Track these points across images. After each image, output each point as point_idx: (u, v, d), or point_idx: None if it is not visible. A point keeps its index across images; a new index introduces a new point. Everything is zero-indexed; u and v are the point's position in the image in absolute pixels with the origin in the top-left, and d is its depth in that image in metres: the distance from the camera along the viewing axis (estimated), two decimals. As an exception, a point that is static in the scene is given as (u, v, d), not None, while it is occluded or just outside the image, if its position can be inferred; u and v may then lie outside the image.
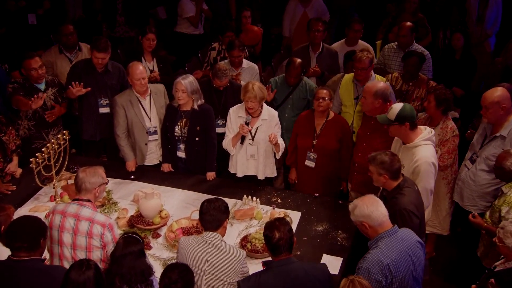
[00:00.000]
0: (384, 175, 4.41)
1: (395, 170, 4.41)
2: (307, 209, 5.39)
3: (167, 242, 4.87)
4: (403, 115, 4.83)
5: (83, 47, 7.22)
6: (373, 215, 3.86)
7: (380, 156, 4.44)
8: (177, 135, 5.83)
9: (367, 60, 6.01)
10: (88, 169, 4.20)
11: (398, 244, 3.85)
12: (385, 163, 4.38)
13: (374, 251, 3.82)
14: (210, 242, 3.96)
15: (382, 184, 4.51)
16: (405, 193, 4.38)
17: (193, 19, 9.30)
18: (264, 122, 5.70)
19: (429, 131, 4.92)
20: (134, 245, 3.74)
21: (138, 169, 6.03)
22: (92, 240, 4.06)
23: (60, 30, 7.08)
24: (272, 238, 3.77)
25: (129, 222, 5.07)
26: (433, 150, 4.88)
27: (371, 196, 4.02)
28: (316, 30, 7.28)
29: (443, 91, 5.55)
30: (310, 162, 5.85)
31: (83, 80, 6.13)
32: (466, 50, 7.88)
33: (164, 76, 7.07)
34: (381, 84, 5.47)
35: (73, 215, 4.09)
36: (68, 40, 7.04)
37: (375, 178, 4.51)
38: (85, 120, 6.40)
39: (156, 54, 7.24)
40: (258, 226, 5.12)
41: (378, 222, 3.87)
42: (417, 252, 3.95)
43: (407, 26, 7.23)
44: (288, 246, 3.78)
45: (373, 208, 3.88)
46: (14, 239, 3.71)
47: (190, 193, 5.64)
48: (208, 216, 4.02)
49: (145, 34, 7.03)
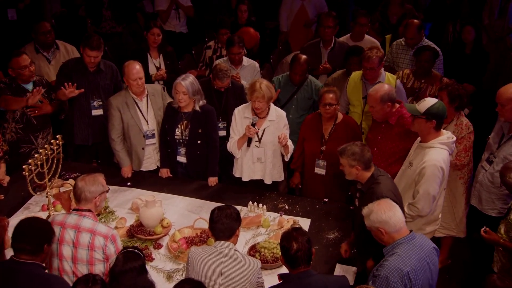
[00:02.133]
0: (356, 166, 4.54)
1: (367, 159, 4.54)
2: (316, 216, 5.42)
3: (170, 253, 4.87)
4: (433, 111, 4.84)
5: (60, 45, 7.21)
6: (391, 221, 3.89)
7: (350, 147, 4.59)
8: (178, 138, 5.83)
9: (377, 59, 6.01)
10: (87, 177, 4.19)
11: (416, 251, 3.89)
12: (356, 153, 4.53)
13: (393, 258, 3.84)
14: (224, 252, 3.95)
15: (355, 176, 4.62)
16: (380, 181, 4.51)
17: (163, 14, 9.23)
18: (272, 123, 5.71)
19: (450, 137, 4.94)
20: (134, 260, 3.72)
21: (135, 175, 6.02)
22: (94, 253, 4.06)
23: (36, 28, 7.04)
24: (290, 249, 3.77)
25: (128, 232, 5.07)
26: (447, 157, 4.89)
27: (387, 201, 4.05)
28: (327, 26, 7.30)
29: (455, 86, 5.59)
30: (320, 170, 5.86)
31: (74, 80, 6.09)
32: (477, 44, 7.92)
33: (172, 74, 7.06)
34: (384, 88, 5.46)
35: (73, 227, 4.08)
36: (46, 39, 7.01)
37: (347, 171, 4.63)
38: (76, 123, 6.37)
39: (163, 50, 7.22)
40: (266, 235, 5.13)
41: (396, 228, 3.90)
42: (434, 259, 4.01)
43: (413, 26, 7.24)
44: (306, 258, 3.79)
45: (391, 213, 3.91)
46: (19, 239, 3.75)
47: (192, 200, 5.64)
48: (220, 224, 4.01)
49: (149, 29, 7.04)
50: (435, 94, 6.46)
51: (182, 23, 9.45)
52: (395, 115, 5.47)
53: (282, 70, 7.81)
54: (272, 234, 5.13)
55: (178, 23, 9.39)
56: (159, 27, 7.16)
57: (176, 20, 9.35)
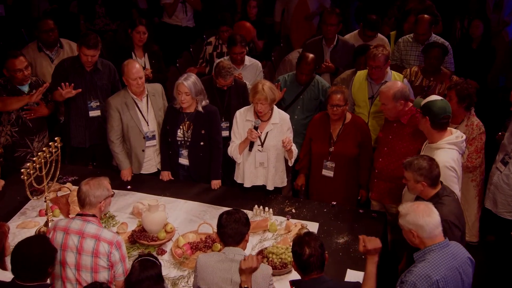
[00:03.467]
0: (422, 182, 4.42)
1: (435, 176, 4.42)
2: (324, 220, 5.45)
3: (174, 259, 4.88)
4: (427, 107, 4.87)
5: (64, 44, 7.19)
6: (427, 227, 3.85)
7: (417, 161, 4.45)
8: (180, 140, 5.85)
9: (383, 58, 6.02)
10: (92, 181, 4.19)
11: (448, 260, 3.86)
12: (423, 169, 4.39)
13: (422, 264, 3.83)
14: (233, 259, 3.95)
15: (419, 192, 4.52)
16: (445, 202, 4.38)
17: (169, 7, 9.26)
18: (275, 126, 5.69)
19: (459, 136, 4.94)
20: (151, 269, 3.73)
21: (134, 178, 6.03)
22: (99, 260, 4.06)
23: (39, 26, 7.02)
24: (302, 255, 3.78)
25: (130, 238, 5.08)
26: (456, 156, 4.87)
27: (427, 205, 3.98)
28: (330, 24, 7.30)
29: (464, 85, 5.62)
30: (328, 172, 5.88)
31: (70, 80, 6.11)
32: (485, 39, 7.95)
33: (157, 74, 7.09)
34: (398, 85, 5.50)
35: (77, 232, 4.09)
36: (49, 37, 6.99)
37: (411, 186, 4.52)
38: (73, 125, 6.38)
39: (148, 49, 7.25)
40: (273, 239, 5.16)
41: (430, 235, 3.87)
42: (467, 269, 3.97)
43: (425, 21, 7.25)
44: (319, 264, 3.80)
45: (428, 219, 3.86)
46: (20, 270, 3.71)
47: (195, 203, 5.67)
48: (229, 229, 4.00)
49: (134, 27, 7.05)
50: (444, 92, 6.49)
51: (189, 17, 9.51)
52: (407, 114, 5.48)
53: (284, 69, 7.85)
54: (279, 238, 5.15)
55: (185, 17, 9.44)
56: (145, 24, 7.17)
57: (183, 13, 9.41)
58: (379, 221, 5.43)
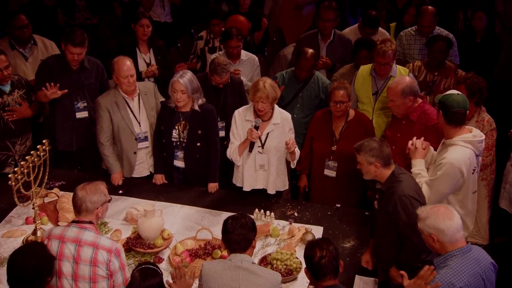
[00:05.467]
0: (375, 163, 4.59)
1: (386, 155, 4.59)
2: (329, 223, 5.51)
3: (173, 267, 4.89)
4: (442, 101, 4.93)
5: (38, 40, 7.18)
6: (448, 231, 3.86)
7: (367, 142, 4.65)
8: (175, 141, 5.87)
9: (392, 54, 6.08)
10: (88, 186, 4.21)
11: (471, 266, 3.86)
12: (374, 149, 4.58)
13: (444, 271, 3.83)
14: (240, 266, 3.96)
15: (373, 175, 4.66)
16: (402, 179, 4.54)
17: (146, 2, 9.23)
18: (276, 126, 5.69)
19: (477, 135, 4.96)
20: (152, 278, 3.79)
21: (126, 182, 6.06)
22: (97, 269, 4.08)
23: (11, 22, 6.96)
24: (313, 257, 3.83)
25: (125, 245, 5.09)
26: (469, 156, 4.89)
27: (448, 208, 4.01)
28: (327, 20, 7.34)
29: (475, 79, 5.66)
30: (330, 172, 5.94)
31: (55, 79, 6.11)
32: (489, 32, 8.01)
33: (163, 70, 7.09)
34: (406, 80, 5.55)
35: (73, 240, 4.10)
36: (23, 34, 6.96)
37: (365, 169, 4.69)
38: (58, 127, 6.37)
39: (153, 44, 7.23)
40: (276, 245, 5.21)
41: (451, 239, 3.89)
42: (491, 276, 3.98)
43: (430, 12, 7.30)
44: (332, 268, 3.83)
45: (450, 223, 3.88)
46: (15, 282, 3.74)
47: (192, 208, 5.71)
48: (236, 235, 4.02)
49: (138, 20, 7.05)
50: (450, 87, 6.55)
51: (167, 12, 9.52)
52: (417, 110, 5.53)
53: (279, 64, 7.90)
54: (282, 244, 5.20)
55: (162, 12, 9.45)
56: (148, 17, 7.17)
57: (160, 8, 9.41)
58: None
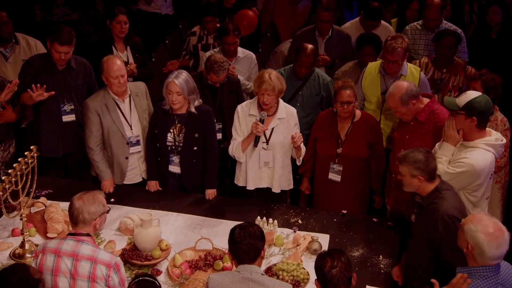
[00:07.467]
0: (419, 177, 4.53)
1: (431, 169, 4.55)
2: (335, 231, 5.51)
3: (172, 280, 4.88)
4: (473, 106, 4.86)
5: (20, 38, 7.14)
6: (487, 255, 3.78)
7: (412, 153, 4.57)
8: (170, 145, 5.86)
9: (402, 51, 6.09)
10: (86, 196, 4.18)
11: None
12: (419, 161, 4.51)
13: None
14: (250, 278, 3.96)
15: (415, 188, 4.63)
16: (445, 196, 4.49)
17: None
18: (282, 121, 5.76)
19: (499, 139, 4.95)
20: None
21: (117, 189, 6.05)
22: (96, 285, 4.06)
23: None
24: (323, 266, 3.84)
25: (121, 257, 5.03)
26: (491, 161, 4.90)
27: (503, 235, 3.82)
28: (325, 21, 7.37)
29: (490, 76, 5.71)
30: (335, 176, 5.95)
31: (40, 81, 6.08)
32: (505, 26, 8.02)
33: (142, 68, 7.09)
34: (402, 86, 5.49)
35: (70, 254, 4.08)
36: (2, 32, 6.94)
37: (407, 182, 4.63)
38: (43, 131, 6.36)
39: (130, 41, 7.24)
40: (280, 254, 5.20)
41: (484, 258, 3.82)
42: None
43: (435, 5, 7.32)
44: (344, 279, 3.84)
45: (495, 251, 3.77)
46: None
47: (189, 216, 5.69)
48: (244, 245, 4.02)
49: (114, 17, 7.04)
50: (459, 85, 6.60)
51: (168, 4, 9.56)
52: (425, 111, 5.55)
53: (276, 61, 7.92)
54: (287, 253, 5.20)
55: (164, 3, 9.48)
56: (125, 13, 7.17)
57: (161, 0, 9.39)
58: (395, 231, 5.49)
